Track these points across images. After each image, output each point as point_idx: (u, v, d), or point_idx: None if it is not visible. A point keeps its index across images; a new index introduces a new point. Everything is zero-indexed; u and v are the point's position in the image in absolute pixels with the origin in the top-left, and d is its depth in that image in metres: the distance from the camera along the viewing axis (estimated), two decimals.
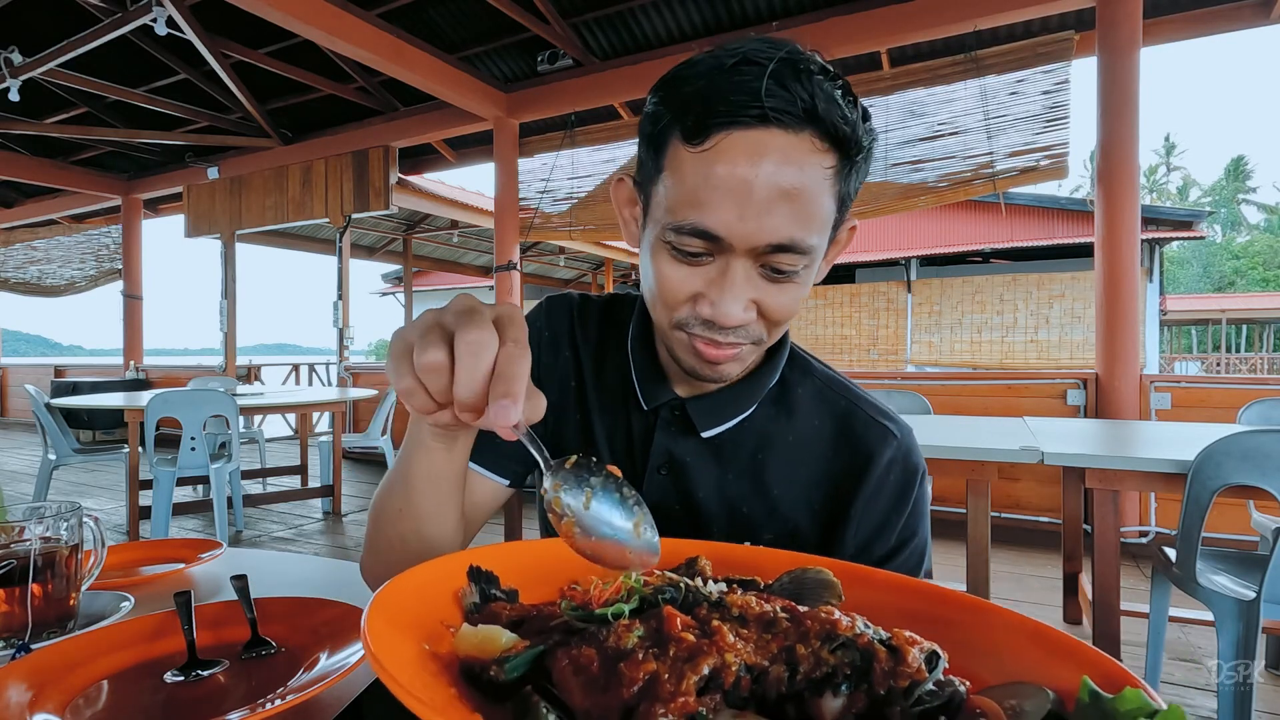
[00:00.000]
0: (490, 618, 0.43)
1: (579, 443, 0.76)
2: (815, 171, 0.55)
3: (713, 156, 0.55)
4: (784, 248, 0.57)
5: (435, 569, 0.45)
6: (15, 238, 9.92)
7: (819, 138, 0.55)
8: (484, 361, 0.43)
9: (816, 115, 0.54)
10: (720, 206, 0.55)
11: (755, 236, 0.56)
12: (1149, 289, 10.66)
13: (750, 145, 0.54)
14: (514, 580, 0.49)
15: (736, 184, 0.54)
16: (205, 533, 4.21)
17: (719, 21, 4.75)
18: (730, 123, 0.54)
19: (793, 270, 0.59)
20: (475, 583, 0.46)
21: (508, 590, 0.47)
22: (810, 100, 0.54)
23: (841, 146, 0.56)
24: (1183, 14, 4.09)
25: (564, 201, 5.93)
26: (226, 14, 4.55)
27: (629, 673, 0.32)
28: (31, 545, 0.63)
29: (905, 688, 0.32)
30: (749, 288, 0.59)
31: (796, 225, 0.56)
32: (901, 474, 0.70)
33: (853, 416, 0.72)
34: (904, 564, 0.70)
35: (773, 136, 0.54)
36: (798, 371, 0.75)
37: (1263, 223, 41.39)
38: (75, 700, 0.52)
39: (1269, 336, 23.42)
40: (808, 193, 0.55)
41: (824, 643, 0.34)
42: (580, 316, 0.80)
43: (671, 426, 0.72)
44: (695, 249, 0.58)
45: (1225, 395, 3.70)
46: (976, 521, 1.93)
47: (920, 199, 4.50)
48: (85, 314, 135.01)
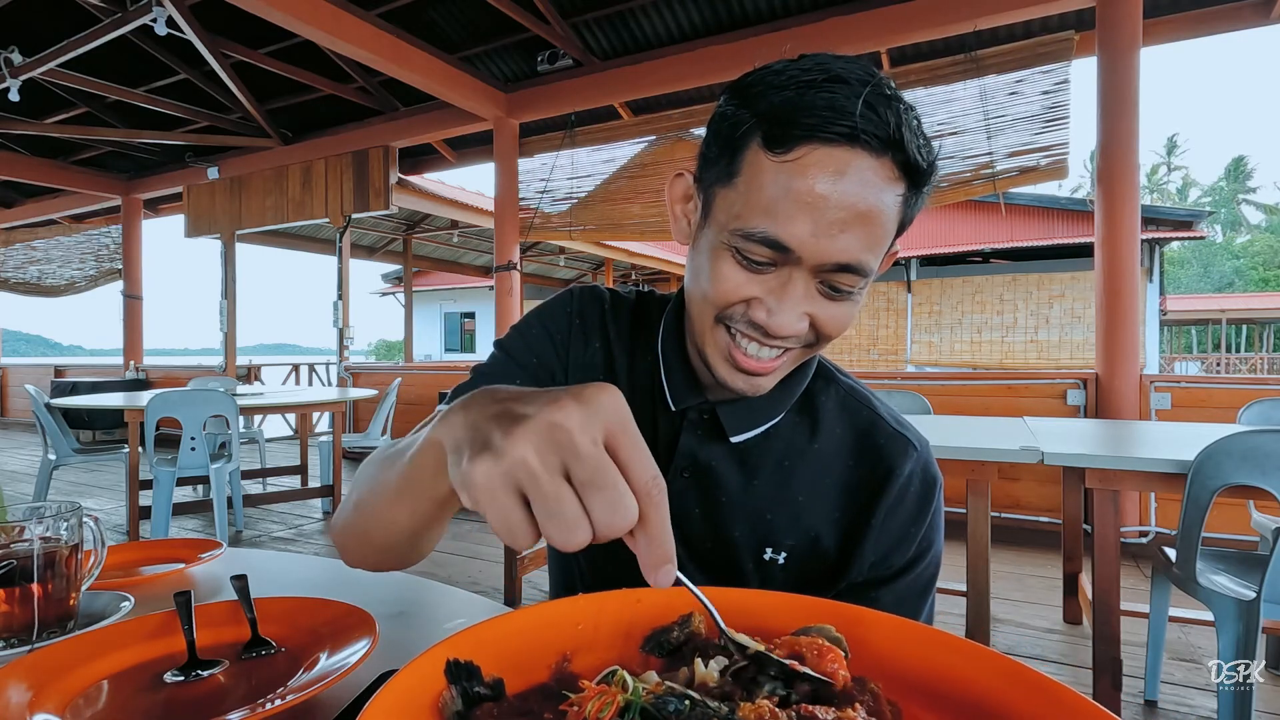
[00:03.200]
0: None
1: None
2: (889, 197, 0.56)
3: (796, 168, 0.55)
4: (849, 268, 0.57)
5: (409, 676, 0.39)
6: (15, 238, 9.93)
7: (896, 165, 0.56)
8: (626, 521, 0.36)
9: (900, 143, 0.55)
10: (796, 219, 0.55)
11: (825, 254, 0.56)
12: (1149, 289, 10.66)
13: (835, 162, 0.54)
14: (496, 665, 0.43)
15: (816, 199, 0.54)
16: (205, 533, 4.21)
17: (719, 21, 4.75)
18: (819, 136, 0.54)
19: (850, 290, 0.59)
20: (455, 683, 0.40)
21: (492, 682, 0.42)
22: (896, 127, 0.54)
23: (913, 176, 0.57)
24: (1183, 14, 4.09)
25: (564, 201, 5.93)
26: (226, 14, 4.55)
27: None
28: (32, 545, 0.63)
29: None
30: (806, 301, 0.59)
31: (864, 247, 0.56)
32: (920, 486, 0.70)
33: (874, 428, 0.72)
34: (921, 574, 0.70)
35: (857, 156, 0.54)
36: (821, 380, 0.75)
37: (1263, 223, 41.39)
38: (75, 700, 0.51)
39: (1269, 336, 23.41)
40: (879, 216, 0.56)
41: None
42: (613, 311, 0.79)
43: (699, 430, 0.72)
44: (761, 258, 0.58)
45: (1225, 395, 3.70)
46: (976, 521, 1.93)
47: None
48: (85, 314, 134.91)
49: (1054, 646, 2.53)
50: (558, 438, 0.35)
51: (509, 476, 0.34)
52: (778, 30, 4.58)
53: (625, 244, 9.91)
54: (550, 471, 0.34)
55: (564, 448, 0.35)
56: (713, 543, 0.72)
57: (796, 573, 0.70)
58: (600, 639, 0.48)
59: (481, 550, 3.80)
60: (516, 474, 0.34)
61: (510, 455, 0.34)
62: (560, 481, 0.35)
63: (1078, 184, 34.63)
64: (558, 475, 0.35)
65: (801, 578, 0.70)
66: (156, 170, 7.90)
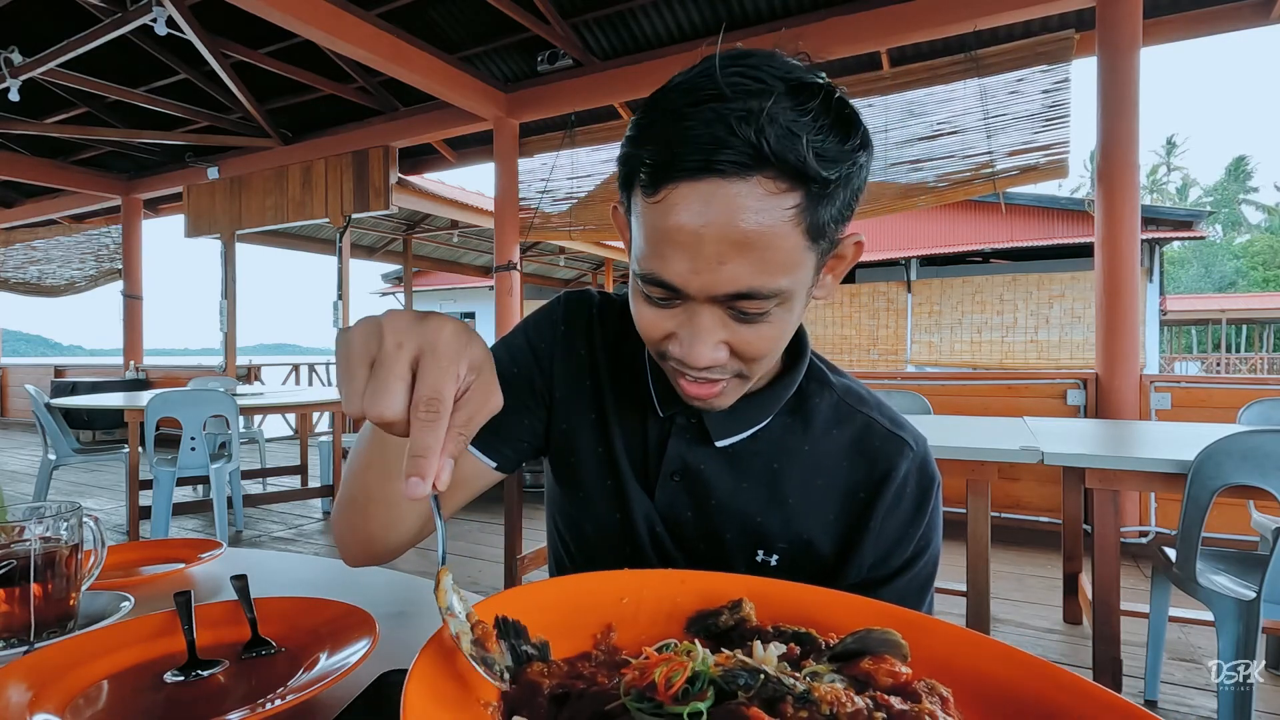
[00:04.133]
0: (529, 690, 0.38)
1: (594, 442, 0.75)
2: (772, 214, 0.52)
3: (664, 210, 0.53)
4: (743, 295, 0.55)
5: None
6: (15, 238, 9.92)
7: (775, 178, 0.51)
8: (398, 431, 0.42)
9: (765, 157, 0.50)
10: (674, 259, 0.54)
11: (711, 288, 0.54)
12: (1149, 289, 10.66)
13: (697, 197, 0.52)
14: (541, 627, 0.44)
15: (686, 237, 0.53)
16: (205, 533, 4.21)
17: (719, 21, 4.75)
18: (677, 175, 0.52)
19: (760, 314, 0.57)
20: (504, 638, 0.41)
21: (538, 643, 0.43)
22: (757, 141, 0.49)
23: (803, 180, 0.51)
24: (1183, 14, 4.08)
25: (564, 201, 5.93)
26: (226, 14, 4.55)
27: None
28: (31, 545, 0.63)
29: None
30: (719, 329, 0.57)
31: (754, 274, 0.53)
32: (917, 487, 0.70)
33: (870, 429, 0.71)
34: (919, 573, 0.70)
35: (718, 186, 0.51)
36: (815, 382, 0.74)
37: (1263, 223, 41.38)
38: (75, 700, 0.51)
39: (1269, 336, 23.41)
40: (764, 239, 0.52)
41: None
42: (600, 316, 0.79)
43: (686, 434, 0.72)
44: (660, 296, 0.58)
45: (1225, 395, 3.70)
46: (976, 521, 1.93)
47: (920, 199, 4.50)
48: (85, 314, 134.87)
49: (1054, 646, 2.53)
50: (378, 333, 0.43)
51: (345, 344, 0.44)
52: (778, 30, 4.58)
53: None
54: (358, 355, 0.43)
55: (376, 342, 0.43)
56: (705, 545, 0.72)
57: (789, 575, 0.70)
58: (643, 615, 0.48)
59: (481, 550, 3.81)
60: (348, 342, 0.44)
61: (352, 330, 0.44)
62: (363, 364, 0.43)
63: (1078, 184, 34.62)
64: (364, 359, 0.43)
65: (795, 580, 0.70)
66: (156, 170, 7.90)
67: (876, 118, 4.65)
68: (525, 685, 0.38)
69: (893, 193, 4.57)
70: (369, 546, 0.68)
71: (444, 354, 0.42)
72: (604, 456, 0.75)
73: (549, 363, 0.77)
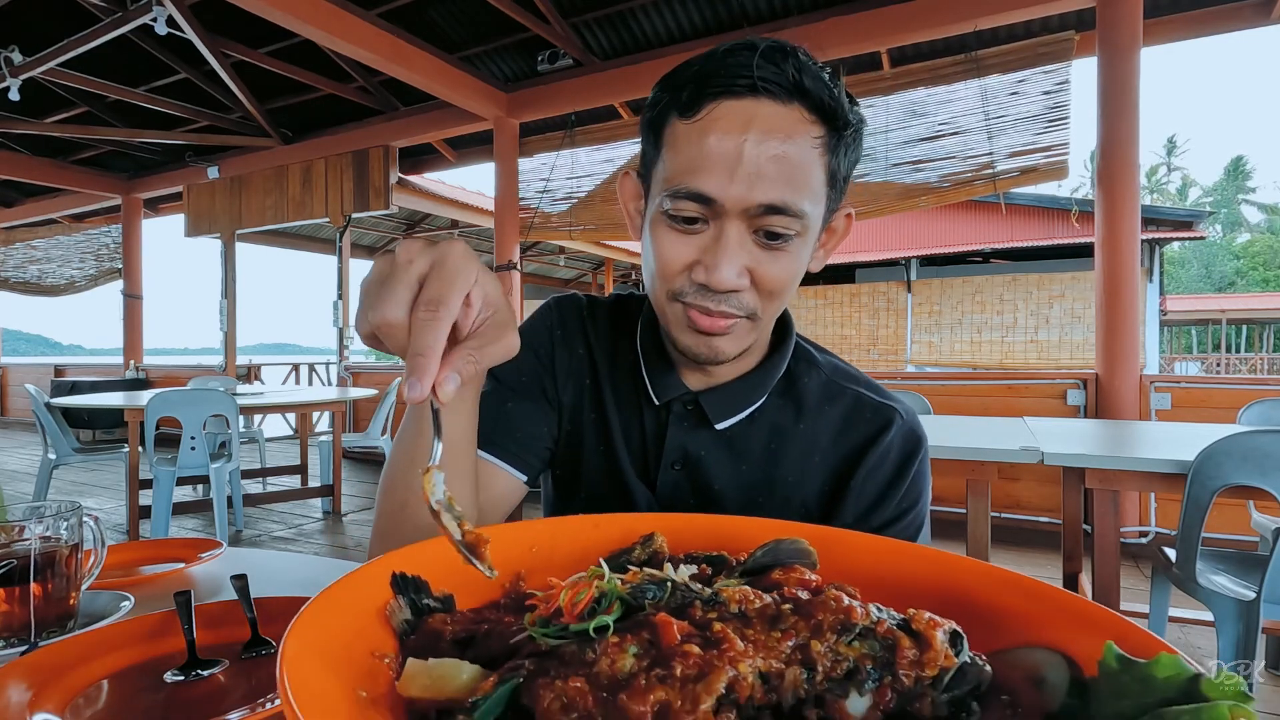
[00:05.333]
0: (430, 638, 0.36)
1: (596, 440, 0.77)
2: (804, 140, 0.58)
3: (706, 125, 0.58)
4: (775, 208, 0.59)
5: (350, 584, 0.38)
6: (15, 237, 9.92)
7: (807, 109, 0.59)
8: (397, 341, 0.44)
9: (804, 89, 0.58)
10: (713, 170, 0.58)
11: (747, 197, 0.58)
12: (1149, 289, 10.66)
13: (741, 113, 0.58)
14: (447, 583, 0.41)
15: (728, 148, 0.57)
16: (205, 532, 4.21)
17: (719, 21, 4.75)
18: (722, 93, 0.58)
19: (786, 234, 0.60)
20: (402, 594, 0.39)
21: (441, 597, 0.41)
22: (798, 75, 0.58)
23: (829, 119, 0.60)
24: (1183, 14, 4.08)
25: (564, 201, 5.93)
26: (226, 14, 4.55)
27: (634, 705, 0.27)
28: (31, 545, 0.63)
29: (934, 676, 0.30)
30: (743, 253, 0.61)
31: (787, 188, 0.58)
32: (902, 446, 0.72)
33: (860, 401, 0.74)
34: (902, 533, 0.71)
35: (761, 105, 0.58)
36: (804, 363, 0.77)
37: (1263, 223, 41.37)
38: (75, 700, 0.51)
39: (1269, 337, 23.41)
40: (796, 158, 0.58)
41: (840, 635, 0.31)
42: (590, 315, 0.80)
43: (684, 421, 0.73)
44: (691, 213, 0.60)
45: (1225, 395, 3.70)
46: (976, 521, 1.93)
47: (921, 199, 4.50)
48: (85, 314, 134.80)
49: None
50: (394, 257, 0.45)
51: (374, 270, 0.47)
52: (778, 30, 4.58)
53: (625, 244, 9.91)
54: (373, 280, 0.46)
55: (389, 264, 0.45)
56: None
57: None
58: (556, 561, 0.47)
59: None
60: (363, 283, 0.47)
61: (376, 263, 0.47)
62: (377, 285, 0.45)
63: (1078, 184, 34.62)
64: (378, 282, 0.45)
65: None
66: (156, 170, 7.89)
67: (877, 118, 4.64)
68: (426, 634, 0.37)
69: (894, 193, 4.57)
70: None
71: (449, 266, 0.44)
72: (605, 453, 0.76)
73: (550, 364, 0.78)
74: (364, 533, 4.24)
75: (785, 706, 0.30)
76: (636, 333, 0.77)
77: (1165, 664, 0.27)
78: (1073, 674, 0.31)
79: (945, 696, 0.30)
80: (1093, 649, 0.30)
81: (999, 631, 0.36)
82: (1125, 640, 0.30)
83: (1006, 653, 0.34)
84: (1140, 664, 0.28)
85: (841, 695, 0.30)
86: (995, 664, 0.32)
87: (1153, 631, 0.31)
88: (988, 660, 0.32)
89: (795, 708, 0.30)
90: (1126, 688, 0.28)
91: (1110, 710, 0.28)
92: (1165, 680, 0.27)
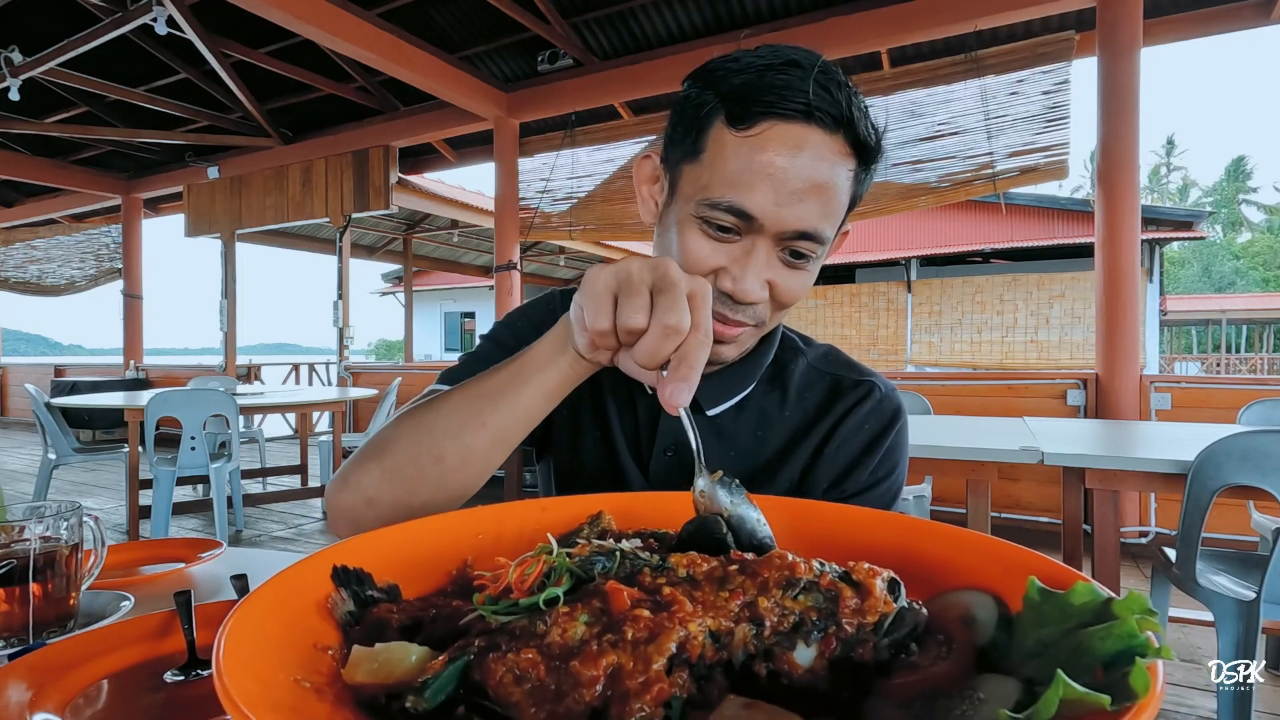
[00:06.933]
0: (376, 627, 0.36)
1: (593, 426, 0.78)
2: (841, 171, 0.61)
3: (758, 143, 0.59)
4: (807, 235, 0.61)
5: (287, 580, 0.37)
6: (15, 237, 9.91)
7: (848, 142, 0.61)
8: (673, 344, 0.47)
9: (850, 122, 0.60)
10: (758, 189, 0.59)
11: (785, 221, 0.60)
12: (1149, 289, 10.66)
13: (793, 137, 0.59)
14: (390, 573, 0.41)
15: (776, 170, 0.59)
16: (205, 532, 4.21)
17: (719, 21, 4.75)
18: (777, 113, 0.59)
19: (810, 256, 0.63)
20: (344, 586, 0.38)
21: (386, 587, 0.40)
22: (847, 107, 0.60)
23: (862, 153, 0.62)
24: (1183, 14, 4.08)
25: (564, 201, 5.93)
26: (226, 13, 4.55)
27: (586, 670, 0.27)
28: (31, 545, 0.63)
29: (875, 623, 0.31)
30: (768, 269, 0.63)
31: (821, 216, 0.61)
32: (879, 415, 0.74)
33: (839, 383, 0.77)
34: (874, 502, 0.73)
35: (813, 133, 0.59)
36: (789, 351, 0.80)
37: (1263, 223, 41.35)
38: (75, 700, 0.51)
39: (1269, 337, 23.40)
40: (833, 188, 0.61)
41: (785, 590, 0.32)
42: None
43: None
44: (727, 224, 0.61)
45: (1225, 396, 3.70)
46: (976, 521, 1.93)
47: (920, 199, 4.50)
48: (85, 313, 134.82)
49: None
50: (656, 267, 0.49)
51: (613, 275, 0.49)
52: (778, 30, 4.58)
53: (625, 244, 9.91)
54: (640, 278, 0.48)
55: (657, 271, 0.48)
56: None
57: None
58: (503, 546, 0.47)
59: None
60: (618, 274, 0.49)
61: (619, 267, 0.49)
62: (643, 284, 0.48)
63: (1078, 184, 34.61)
64: (644, 282, 0.48)
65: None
66: (156, 170, 7.89)
67: (877, 118, 4.64)
68: (371, 623, 0.36)
69: (894, 193, 4.57)
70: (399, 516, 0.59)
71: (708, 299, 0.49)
72: (602, 438, 0.78)
73: None
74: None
75: (736, 663, 0.31)
76: None
77: (1081, 591, 0.30)
78: (1000, 611, 0.33)
79: (886, 640, 0.32)
80: (1019, 586, 0.33)
81: (934, 580, 0.39)
82: (1047, 576, 0.33)
83: (940, 596, 0.37)
84: (1059, 594, 0.30)
85: (789, 648, 0.31)
86: (930, 608, 0.34)
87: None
88: (923, 605, 0.34)
89: (745, 663, 0.31)
90: (1048, 616, 0.30)
91: (1034, 639, 0.31)
92: (1081, 606, 0.29)
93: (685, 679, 0.29)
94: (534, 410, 0.59)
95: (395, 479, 0.59)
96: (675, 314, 0.46)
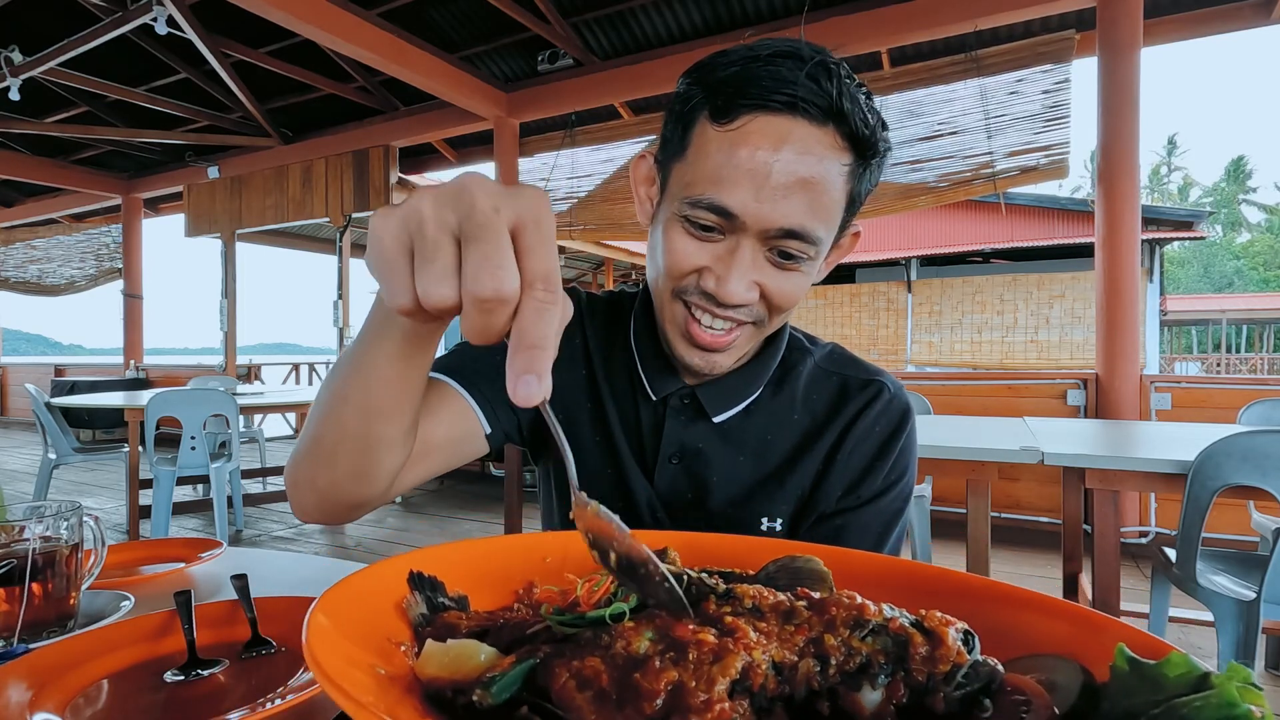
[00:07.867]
0: (445, 630, 0.37)
1: (593, 432, 0.76)
2: (832, 166, 0.57)
3: (738, 137, 0.57)
4: (793, 234, 0.58)
5: (369, 578, 0.38)
6: (15, 237, 9.91)
7: (840, 135, 0.57)
8: (501, 317, 0.32)
9: (841, 113, 0.56)
10: (739, 185, 0.57)
11: (768, 219, 0.57)
12: (1149, 289, 10.65)
13: (775, 130, 0.56)
14: (460, 585, 0.43)
15: (758, 165, 0.56)
16: (205, 532, 4.21)
17: (719, 21, 4.75)
18: (759, 106, 0.56)
19: (800, 257, 0.60)
20: (418, 590, 0.40)
21: (456, 597, 0.41)
22: (837, 98, 0.56)
23: (859, 147, 0.58)
24: (1183, 14, 4.08)
25: (564, 201, 5.93)
26: (226, 13, 4.54)
27: (649, 684, 0.28)
28: (31, 545, 0.63)
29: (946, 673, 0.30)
30: (754, 270, 0.60)
31: (808, 214, 0.58)
32: (890, 417, 0.73)
33: (847, 383, 0.75)
34: (887, 507, 0.72)
35: (798, 125, 0.56)
36: (797, 352, 0.78)
37: (1263, 223, 41.35)
38: (75, 700, 0.51)
39: (1269, 337, 23.40)
40: (823, 184, 0.57)
41: (853, 630, 0.31)
42: (589, 310, 0.80)
43: (682, 415, 0.73)
44: (709, 223, 0.59)
45: (1225, 395, 3.70)
46: (976, 521, 1.93)
47: (920, 199, 4.50)
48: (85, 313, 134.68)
49: None
50: (459, 198, 0.33)
51: (402, 222, 0.33)
52: (778, 30, 4.58)
53: (625, 244, 9.90)
54: (438, 222, 0.33)
55: (461, 206, 0.32)
56: (708, 524, 0.72)
57: (790, 535, 0.73)
58: (568, 570, 0.48)
59: None
60: (408, 220, 0.33)
61: (408, 205, 0.34)
62: (444, 232, 0.33)
63: (1078, 184, 34.60)
64: (444, 228, 0.33)
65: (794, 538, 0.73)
66: (156, 169, 7.89)
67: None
68: (441, 626, 0.37)
69: (893, 193, 4.56)
70: (331, 497, 0.57)
71: (549, 231, 0.34)
72: (603, 444, 0.76)
73: None
74: (364, 532, 4.24)
75: (798, 698, 0.30)
76: (630, 331, 0.77)
77: (1176, 663, 0.28)
78: (1085, 679, 0.31)
79: (958, 694, 0.30)
80: (1103, 655, 0.31)
81: (1011, 643, 0.37)
82: (1135, 645, 0.31)
83: (1019, 659, 0.35)
84: (1150, 664, 0.28)
85: (855, 689, 0.30)
86: (1008, 668, 0.33)
87: (1152, 632, 0.31)
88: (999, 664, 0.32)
89: (807, 700, 0.30)
90: (1137, 687, 0.28)
91: (1122, 708, 0.29)
92: (1176, 679, 0.27)
93: (746, 708, 0.28)
94: (392, 377, 0.50)
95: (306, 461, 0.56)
96: (491, 276, 0.31)
